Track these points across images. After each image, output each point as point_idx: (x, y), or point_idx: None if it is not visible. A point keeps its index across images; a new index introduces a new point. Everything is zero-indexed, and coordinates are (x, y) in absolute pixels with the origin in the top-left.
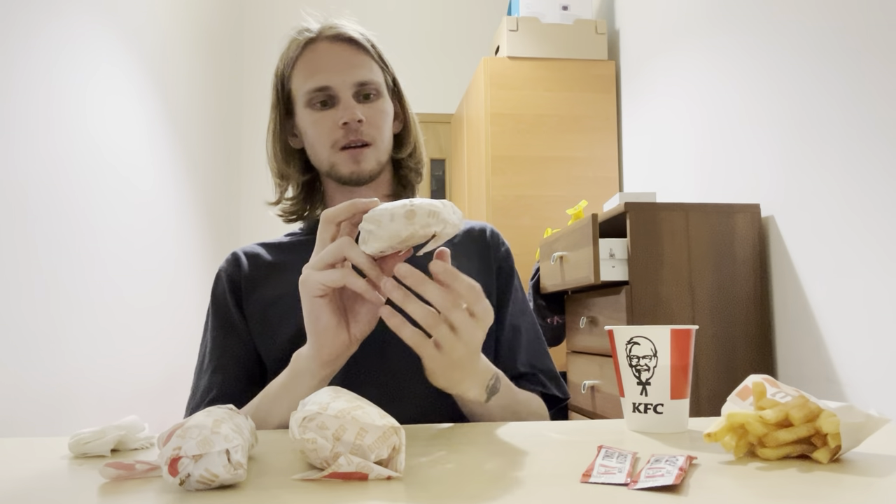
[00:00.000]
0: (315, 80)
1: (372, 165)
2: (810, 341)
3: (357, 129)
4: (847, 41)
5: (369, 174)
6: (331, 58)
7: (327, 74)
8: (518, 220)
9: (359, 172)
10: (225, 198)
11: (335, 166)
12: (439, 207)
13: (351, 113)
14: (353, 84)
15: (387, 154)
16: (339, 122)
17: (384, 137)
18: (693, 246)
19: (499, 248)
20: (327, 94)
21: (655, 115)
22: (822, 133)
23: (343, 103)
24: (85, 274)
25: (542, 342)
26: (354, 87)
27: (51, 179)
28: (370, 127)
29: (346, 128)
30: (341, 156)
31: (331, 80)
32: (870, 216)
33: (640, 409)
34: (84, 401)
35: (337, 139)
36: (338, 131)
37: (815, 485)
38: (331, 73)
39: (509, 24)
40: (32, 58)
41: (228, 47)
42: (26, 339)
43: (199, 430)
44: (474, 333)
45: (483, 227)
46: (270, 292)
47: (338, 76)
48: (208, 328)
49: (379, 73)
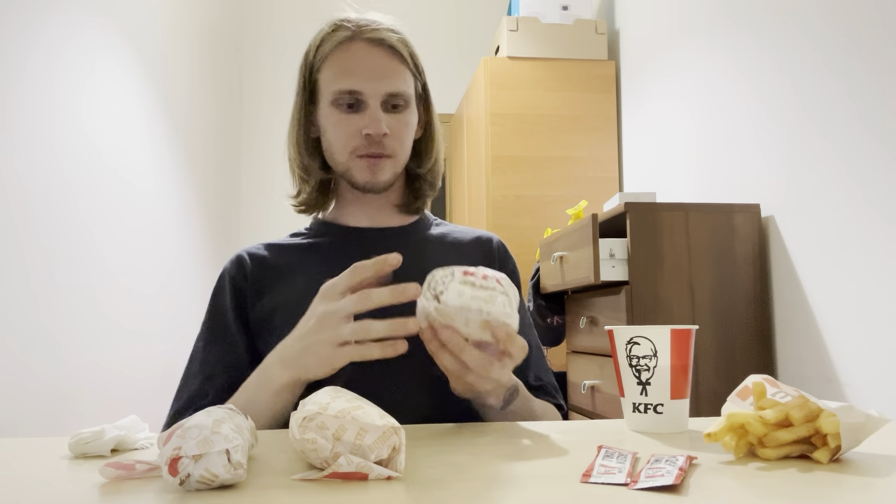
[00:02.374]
0: (346, 81)
1: (388, 177)
2: (810, 341)
3: (380, 142)
4: (847, 40)
5: (384, 185)
6: (367, 62)
7: (360, 79)
8: (518, 220)
9: (374, 183)
10: (224, 198)
11: (350, 171)
12: (509, 320)
13: (376, 125)
14: (384, 94)
15: (403, 165)
16: (362, 130)
17: (405, 150)
18: (693, 246)
19: (506, 262)
20: (356, 98)
21: (655, 115)
22: (822, 133)
23: (370, 112)
24: (85, 274)
25: (544, 356)
26: (384, 97)
27: (50, 180)
28: (393, 139)
29: (369, 138)
30: (359, 163)
31: (362, 86)
32: (870, 216)
33: (640, 409)
34: (84, 401)
35: (357, 146)
36: (359, 139)
37: (815, 485)
38: (363, 78)
39: (509, 24)
40: (31, 58)
41: (228, 47)
42: (26, 339)
43: (199, 430)
44: (503, 375)
45: (490, 237)
46: (276, 297)
47: (370, 83)
48: (204, 330)
49: (411, 83)
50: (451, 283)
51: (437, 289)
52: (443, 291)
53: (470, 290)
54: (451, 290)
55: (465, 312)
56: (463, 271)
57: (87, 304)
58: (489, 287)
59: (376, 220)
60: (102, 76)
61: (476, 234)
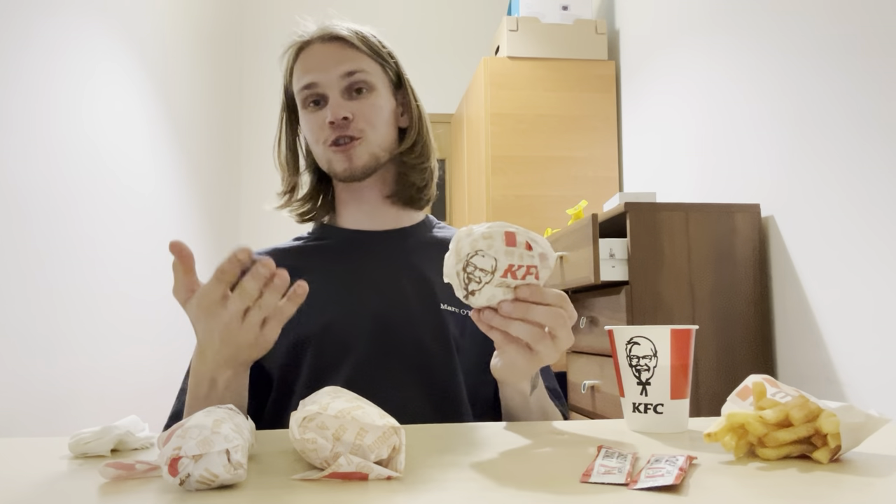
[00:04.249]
0: (304, 78)
1: (364, 160)
2: (810, 341)
3: (344, 126)
4: (847, 40)
5: (362, 170)
6: (320, 57)
7: (315, 72)
8: (518, 220)
9: (351, 169)
10: (225, 200)
11: (331, 163)
12: (538, 240)
13: (335, 111)
14: (340, 77)
15: (382, 149)
16: (326, 120)
17: (377, 132)
18: (693, 246)
19: None
20: (316, 92)
21: (655, 115)
22: (822, 132)
23: (331, 101)
24: (85, 275)
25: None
26: (341, 82)
27: (49, 182)
28: (360, 121)
29: (332, 125)
30: (333, 154)
31: (317, 77)
32: (870, 215)
33: (640, 409)
34: (84, 401)
35: (327, 137)
36: (326, 129)
37: (815, 485)
38: (318, 70)
39: (509, 24)
40: (29, 59)
41: (228, 48)
42: (26, 339)
43: (199, 430)
44: (570, 338)
45: None
46: None
47: (324, 73)
48: None
49: (372, 66)
50: (484, 286)
51: (468, 285)
52: (474, 292)
53: (502, 294)
54: (484, 292)
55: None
56: (507, 264)
57: (86, 307)
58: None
59: (375, 219)
60: (102, 77)
61: None
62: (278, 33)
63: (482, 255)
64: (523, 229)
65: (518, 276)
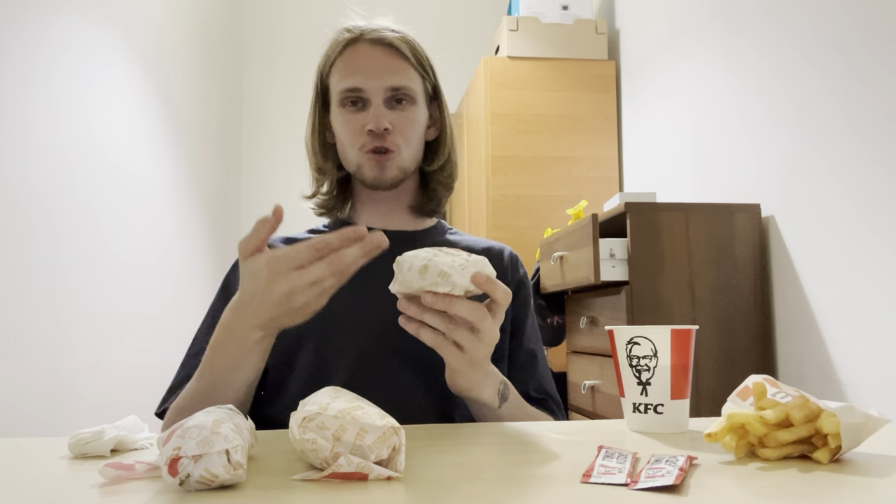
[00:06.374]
0: (349, 80)
1: (394, 173)
2: (810, 341)
3: (382, 137)
4: (847, 40)
5: (391, 181)
6: (368, 61)
7: (361, 77)
8: (518, 220)
9: (381, 179)
10: (224, 198)
11: (361, 168)
12: (450, 271)
13: (377, 121)
14: (386, 89)
15: (412, 162)
16: (365, 126)
17: (411, 146)
18: (693, 246)
19: (517, 271)
20: (359, 96)
21: (655, 115)
22: (822, 132)
23: (373, 108)
24: (85, 274)
25: (548, 369)
26: (387, 93)
27: (49, 180)
28: (396, 135)
29: (372, 134)
30: (368, 160)
31: (364, 83)
32: (870, 215)
33: (640, 409)
34: (84, 401)
35: (363, 143)
36: (364, 135)
37: (815, 485)
38: (365, 75)
39: (509, 23)
40: (30, 59)
41: (228, 47)
42: (26, 339)
43: (199, 430)
44: (493, 331)
45: (502, 248)
46: None
47: (371, 80)
48: (209, 312)
49: (416, 80)
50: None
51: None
52: (400, 272)
53: (421, 261)
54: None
55: (413, 259)
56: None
57: (86, 305)
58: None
59: (390, 221)
60: (102, 76)
61: (488, 245)
62: (278, 33)
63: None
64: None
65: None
